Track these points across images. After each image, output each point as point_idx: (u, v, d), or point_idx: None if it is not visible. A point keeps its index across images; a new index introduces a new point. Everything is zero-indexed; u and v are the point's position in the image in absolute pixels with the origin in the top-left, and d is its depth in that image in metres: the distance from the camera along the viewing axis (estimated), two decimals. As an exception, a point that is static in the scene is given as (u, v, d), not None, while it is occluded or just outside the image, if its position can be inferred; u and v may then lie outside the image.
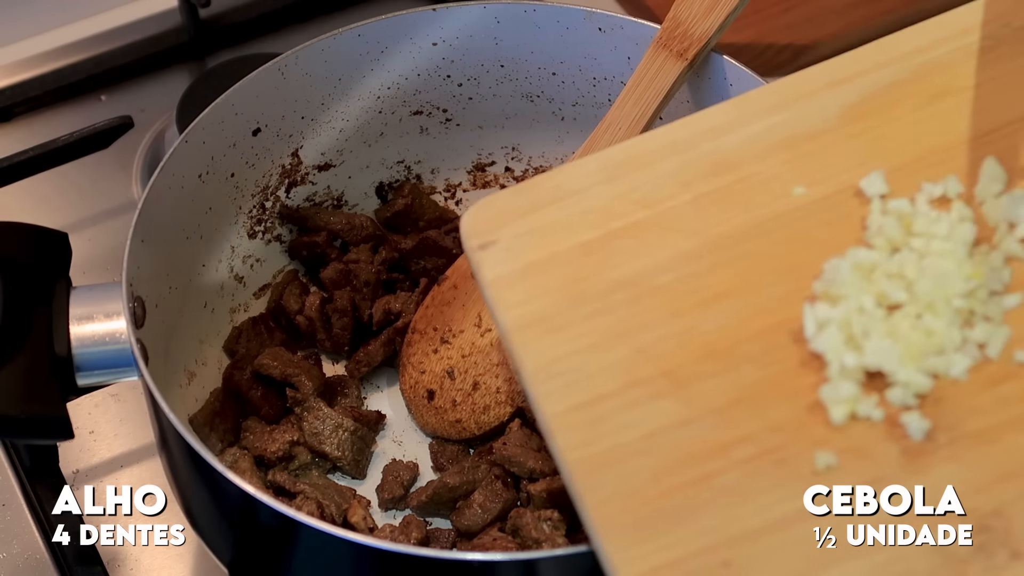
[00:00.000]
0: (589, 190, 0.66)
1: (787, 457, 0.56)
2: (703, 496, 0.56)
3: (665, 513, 0.56)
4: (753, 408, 0.58)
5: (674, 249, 0.63)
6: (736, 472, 0.56)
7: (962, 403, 0.56)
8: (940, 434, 0.55)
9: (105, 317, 0.73)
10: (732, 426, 0.57)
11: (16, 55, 1.14)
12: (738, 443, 0.57)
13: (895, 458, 0.55)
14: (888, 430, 0.56)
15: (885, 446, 0.55)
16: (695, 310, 0.61)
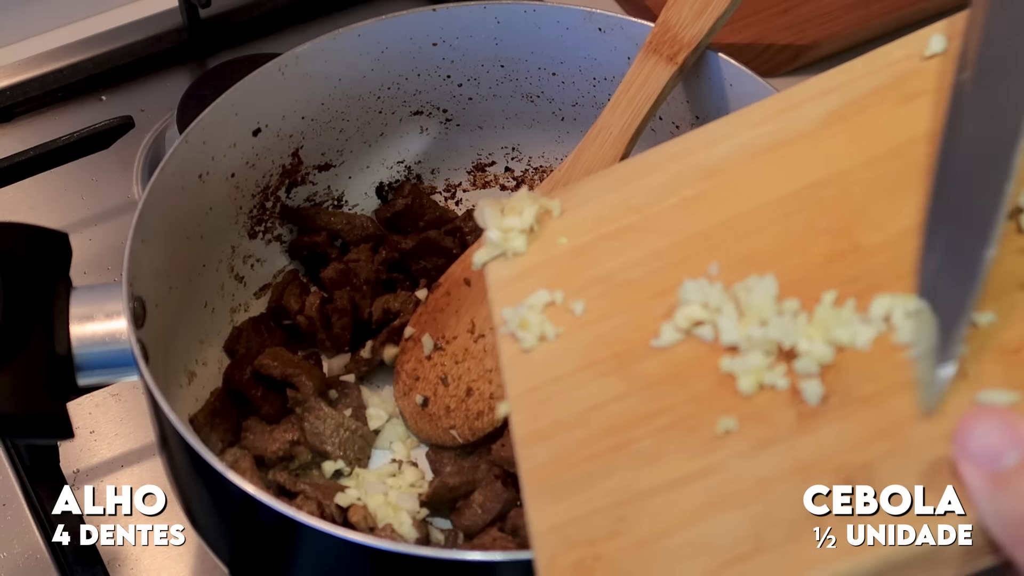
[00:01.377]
0: (591, 201, 0.72)
1: (696, 424, 0.60)
2: (618, 461, 0.60)
3: (583, 477, 0.60)
4: (680, 383, 0.62)
5: (649, 247, 0.68)
6: (651, 439, 0.60)
7: (859, 371, 0.59)
8: (833, 398, 0.58)
9: (105, 317, 0.73)
10: (659, 399, 0.62)
11: (16, 55, 1.15)
12: (659, 413, 0.61)
13: (790, 421, 0.58)
14: (790, 397, 0.59)
15: (784, 412, 0.59)
16: (653, 299, 0.66)
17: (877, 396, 0.58)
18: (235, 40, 1.16)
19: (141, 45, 1.14)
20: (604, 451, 0.61)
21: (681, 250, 0.67)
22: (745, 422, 0.59)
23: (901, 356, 0.59)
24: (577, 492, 0.60)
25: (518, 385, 0.66)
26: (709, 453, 0.59)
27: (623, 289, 0.67)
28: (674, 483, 0.58)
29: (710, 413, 0.60)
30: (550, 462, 0.62)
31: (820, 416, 0.58)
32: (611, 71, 0.88)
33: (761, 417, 0.59)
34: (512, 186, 0.97)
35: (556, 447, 0.62)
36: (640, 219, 0.69)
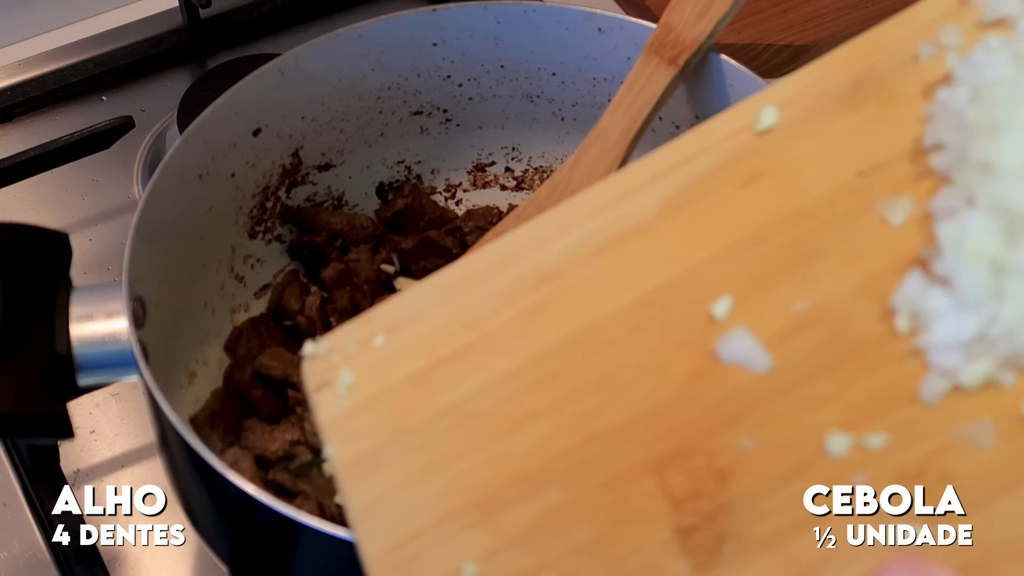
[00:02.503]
0: (422, 316, 0.63)
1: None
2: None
3: None
4: (557, 532, 0.55)
5: (493, 372, 0.60)
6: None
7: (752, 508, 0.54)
8: (728, 544, 0.53)
9: (106, 317, 0.73)
10: (536, 553, 0.55)
11: (17, 56, 1.15)
12: (539, 570, 0.55)
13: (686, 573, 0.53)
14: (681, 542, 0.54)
15: (677, 562, 0.54)
16: (508, 434, 0.59)
17: (776, 537, 0.53)
18: (235, 40, 1.16)
19: (141, 45, 1.15)
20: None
21: (528, 374, 0.59)
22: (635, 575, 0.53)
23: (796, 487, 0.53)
24: None
25: (374, 545, 0.57)
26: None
27: (473, 423, 0.59)
28: None
29: (596, 567, 0.54)
30: None
31: (717, 565, 0.53)
32: (611, 71, 0.88)
33: (654, 570, 0.53)
34: (512, 186, 0.97)
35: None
36: (477, 337, 0.61)
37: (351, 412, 0.61)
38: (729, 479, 0.55)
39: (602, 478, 0.56)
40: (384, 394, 0.61)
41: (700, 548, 0.53)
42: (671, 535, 0.54)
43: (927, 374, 0.55)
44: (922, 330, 0.56)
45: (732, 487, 0.54)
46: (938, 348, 0.55)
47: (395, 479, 0.59)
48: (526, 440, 0.58)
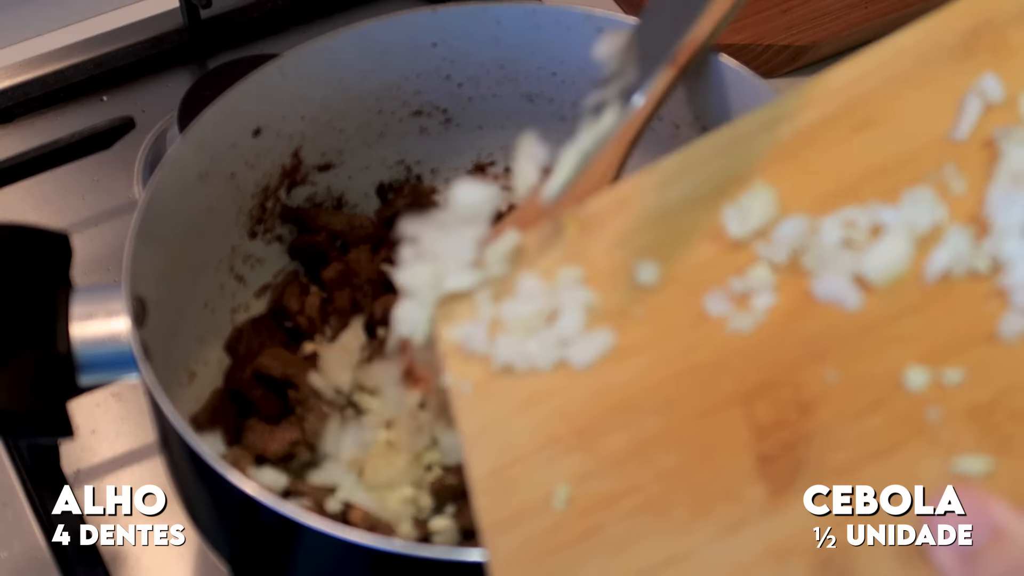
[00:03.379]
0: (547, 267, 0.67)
1: (666, 506, 0.57)
2: (588, 549, 0.57)
3: (551, 570, 0.57)
4: (648, 459, 0.58)
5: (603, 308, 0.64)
6: (621, 524, 0.57)
7: (829, 439, 0.56)
8: (804, 471, 0.55)
9: (106, 317, 0.73)
10: (626, 477, 0.58)
11: (17, 56, 1.15)
12: (628, 493, 0.58)
13: (761, 499, 0.55)
14: (760, 470, 0.56)
15: (754, 488, 0.56)
16: (611, 366, 0.62)
17: (848, 467, 0.55)
18: (235, 40, 1.16)
19: (142, 46, 1.15)
20: (573, 539, 0.57)
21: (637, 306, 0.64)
22: (716, 501, 0.56)
23: (872, 421, 0.56)
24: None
25: (480, 466, 0.62)
26: (680, 537, 0.55)
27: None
28: (645, 571, 0.55)
29: (679, 493, 0.57)
30: (517, 553, 0.58)
31: (791, 491, 0.55)
32: (611, 71, 0.88)
33: (732, 495, 0.56)
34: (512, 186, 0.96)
35: (522, 536, 0.58)
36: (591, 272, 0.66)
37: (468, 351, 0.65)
38: (811, 411, 0.57)
39: (695, 409, 0.59)
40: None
41: (778, 476, 0.55)
42: (752, 463, 0.56)
43: (1006, 312, 0.56)
44: (1004, 270, 0.57)
45: (813, 419, 0.56)
46: (1019, 288, 0.56)
47: (503, 408, 0.63)
48: (627, 371, 0.61)
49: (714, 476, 0.57)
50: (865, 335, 0.58)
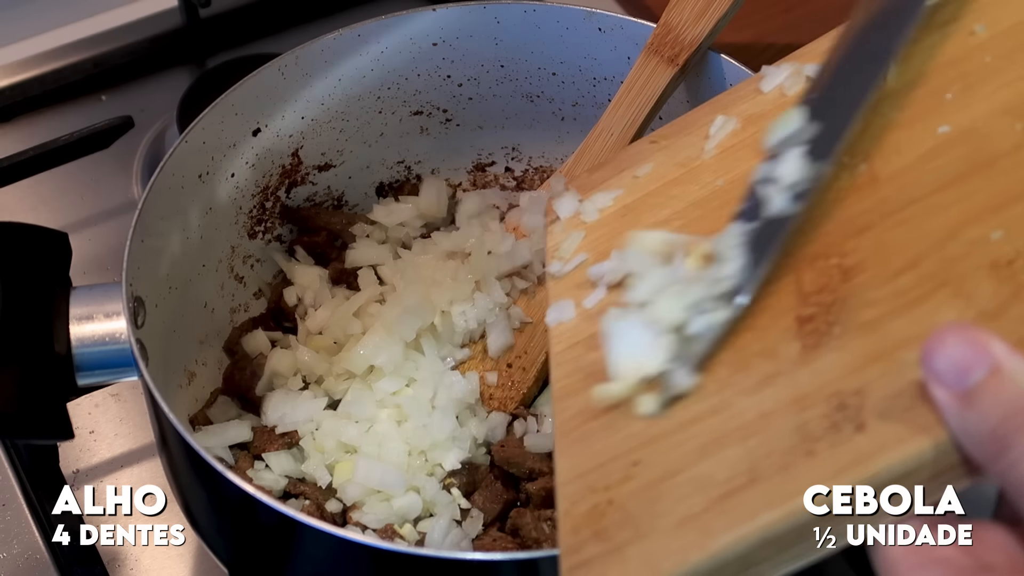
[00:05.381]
0: (644, 160, 0.75)
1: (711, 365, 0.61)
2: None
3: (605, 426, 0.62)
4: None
5: (687, 199, 0.70)
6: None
7: (861, 297, 0.59)
8: (836, 328, 0.59)
9: (105, 317, 0.73)
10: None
11: (16, 55, 1.15)
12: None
13: (794, 354, 0.59)
14: (797, 329, 0.60)
15: (790, 345, 0.60)
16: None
17: (876, 321, 0.58)
18: (235, 40, 1.16)
19: (141, 45, 1.15)
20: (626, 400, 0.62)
21: (716, 198, 0.69)
22: (754, 359, 0.60)
23: (904, 279, 0.59)
24: (600, 441, 0.61)
25: (560, 343, 0.68)
26: (719, 391, 0.59)
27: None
28: (685, 423, 0.59)
29: (725, 352, 0.61)
30: (579, 412, 0.63)
31: (822, 347, 0.58)
32: (611, 71, 0.88)
33: (770, 352, 0.60)
34: (512, 186, 0.97)
35: (584, 399, 0.63)
36: (685, 172, 0.72)
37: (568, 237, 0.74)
38: (852, 275, 0.61)
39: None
40: (596, 225, 0.74)
41: (813, 332, 0.59)
42: (792, 323, 0.60)
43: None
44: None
45: (853, 281, 0.60)
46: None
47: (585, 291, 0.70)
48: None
49: (757, 338, 0.61)
50: (909, 207, 0.61)
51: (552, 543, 0.74)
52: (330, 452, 0.79)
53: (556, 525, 0.69)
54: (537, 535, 0.74)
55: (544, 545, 0.74)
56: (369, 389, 0.80)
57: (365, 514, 0.77)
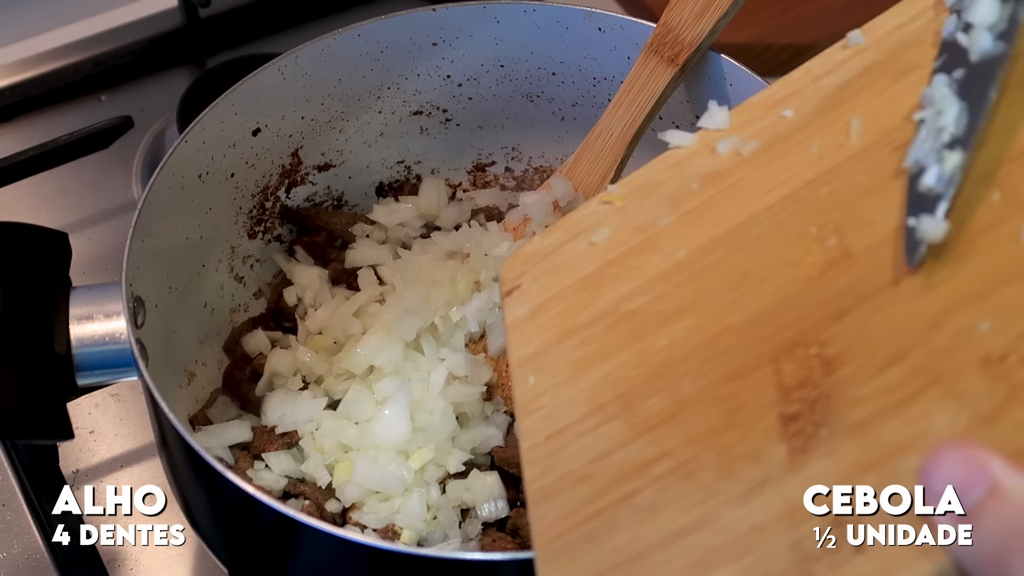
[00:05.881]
0: (600, 223, 0.69)
1: (694, 470, 0.58)
2: (621, 515, 0.58)
3: (588, 536, 0.58)
4: (680, 423, 0.60)
5: (652, 271, 0.65)
6: (651, 488, 0.58)
7: (847, 397, 0.57)
8: (823, 430, 0.56)
9: (105, 317, 0.73)
10: (659, 443, 0.60)
11: (16, 55, 1.15)
12: (659, 459, 0.59)
13: (781, 459, 0.56)
14: (781, 430, 0.57)
15: (775, 448, 0.57)
16: (656, 330, 0.63)
17: (865, 423, 0.56)
18: (235, 40, 1.15)
19: (141, 45, 1.14)
20: (608, 506, 0.59)
21: (681, 272, 0.65)
22: (740, 462, 0.57)
23: (891, 374, 0.56)
24: (584, 554, 0.58)
25: (529, 439, 0.64)
26: (705, 501, 0.57)
27: (627, 321, 0.64)
28: (672, 537, 0.56)
29: (707, 456, 0.58)
30: (558, 521, 0.60)
31: (810, 451, 0.56)
32: (611, 71, 0.88)
33: (755, 456, 0.57)
34: (512, 186, 0.97)
35: (564, 504, 0.60)
36: (643, 239, 0.67)
37: (529, 315, 0.67)
38: (835, 367, 0.58)
39: (727, 369, 0.61)
40: (556, 298, 0.67)
41: (799, 434, 0.57)
42: (775, 422, 0.57)
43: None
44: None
45: (836, 375, 0.57)
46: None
47: (555, 377, 0.65)
48: (670, 335, 0.63)
49: (740, 438, 0.58)
50: (890, 288, 0.59)
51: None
52: (330, 452, 0.79)
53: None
54: (537, 535, 0.74)
55: (544, 545, 0.74)
56: (369, 389, 0.80)
57: (365, 514, 0.77)
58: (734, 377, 0.60)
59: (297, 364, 0.84)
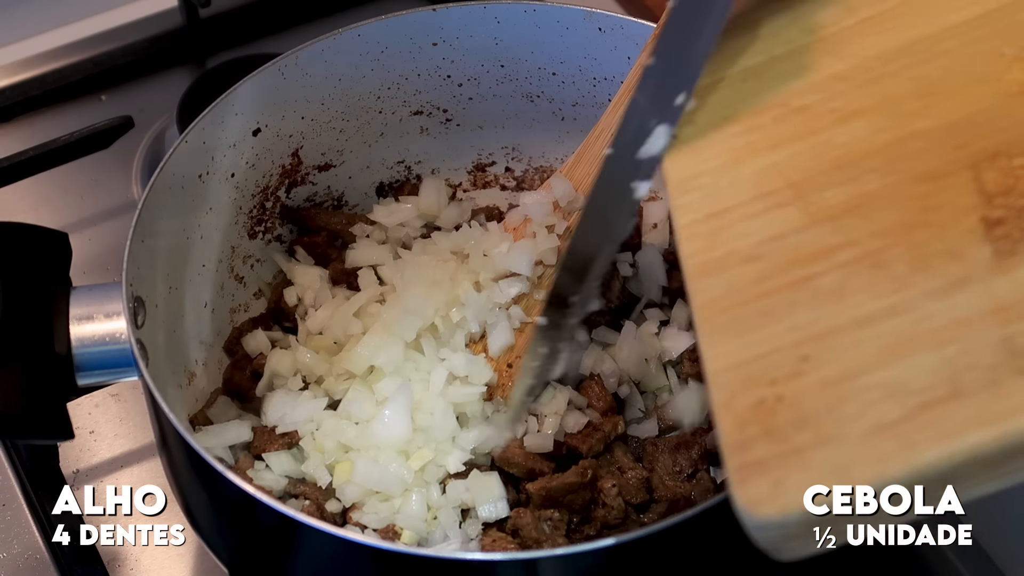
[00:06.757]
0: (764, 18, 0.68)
1: (884, 260, 0.57)
2: (799, 297, 0.58)
3: (761, 313, 0.58)
4: (865, 215, 0.59)
5: (826, 72, 0.65)
6: (835, 274, 0.58)
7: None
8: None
9: (105, 317, 0.73)
10: (842, 232, 0.59)
11: (16, 55, 1.15)
12: (843, 247, 0.59)
13: (986, 259, 0.56)
14: (985, 231, 0.57)
15: (979, 248, 0.56)
16: (832, 127, 0.63)
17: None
18: (235, 40, 1.16)
19: (141, 45, 1.15)
20: (784, 286, 0.58)
21: (860, 75, 0.64)
22: (937, 259, 0.56)
23: None
24: (756, 329, 0.57)
25: (687, 215, 0.63)
26: (899, 291, 0.56)
27: (799, 115, 0.63)
28: (861, 321, 0.56)
29: (899, 248, 0.57)
30: (725, 296, 0.59)
31: (1020, 254, 0.55)
32: (611, 71, 0.88)
33: (955, 254, 0.56)
34: (512, 186, 0.97)
35: (731, 280, 0.59)
36: (815, 40, 0.66)
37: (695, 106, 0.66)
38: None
39: (919, 170, 0.60)
40: (715, 85, 0.66)
41: (1006, 238, 0.56)
42: (977, 224, 0.57)
43: None
44: None
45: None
46: None
47: (715, 160, 0.64)
48: (850, 132, 0.62)
49: (936, 235, 0.57)
50: None
51: (552, 543, 0.74)
52: (330, 452, 0.79)
53: (556, 527, 0.68)
54: (537, 535, 0.74)
55: (544, 545, 0.74)
56: (369, 389, 0.80)
57: (365, 514, 0.77)
58: (927, 179, 0.59)
59: (297, 364, 0.84)
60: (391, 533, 0.76)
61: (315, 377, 0.83)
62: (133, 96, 1.13)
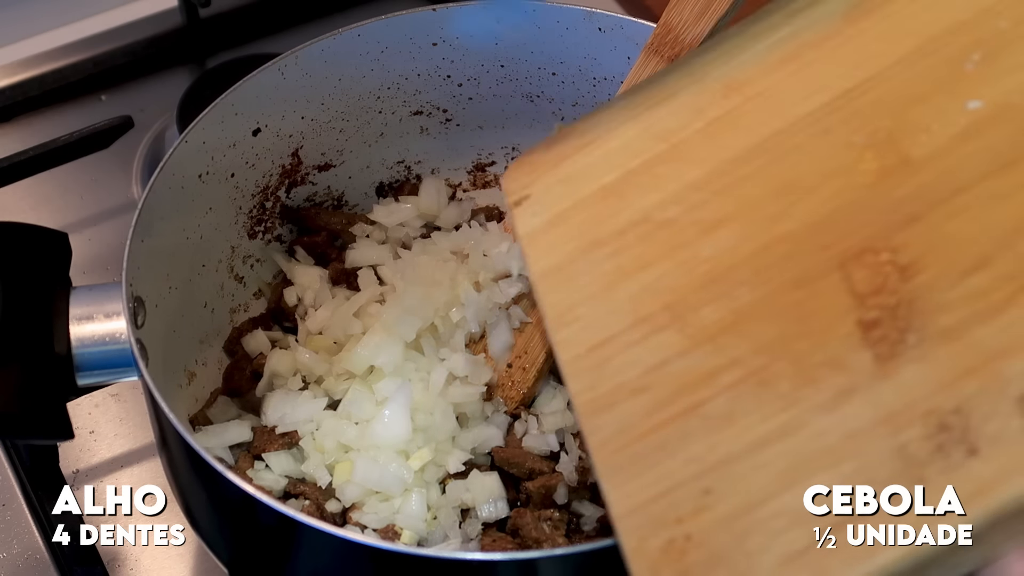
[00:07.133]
0: (613, 131, 0.67)
1: (768, 378, 0.56)
2: (691, 426, 0.57)
3: (657, 447, 0.57)
4: (743, 332, 0.58)
5: (683, 180, 0.63)
6: (722, 398, 0.57)
7: (932, 302, 0.55)
8: (910, 336, 0.55)
9: (105, 317, 0.73)
10: (723, 352, 0.58)
11: (16, 55, 1.15)
12: (726, 368, 0.58)
13: (867, 365, 0.55)
14: (862, 337, 0.56)
15: (859, 355, 0.55)
16: (697, 240, 0.62)
17: (957, 329, 0.54)
18: (235, 40, 1.16)
19: (141, 45, 1.15)
20: (674, 416, 0.57)
21: (717, 180, 0.62)
22: (820, 370, 0.55)
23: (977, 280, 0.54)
24: (654, 465, 0.56)
25: (569, 350, 0.61)
26: (787, 409, 0.55)
27: (662, 231, 0.62)
28: (755, 445, 0.55)
29: (780, 364, 0.56)
30: (618, 433, 0.58)
31: (899, 357, 0.54)
32: (611, 71, 0.88)
33: (837, 363, 0.55)
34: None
35: (622, 416, 0.58)
36: (667, 148, 0.64)
37: (546, 226, 0.65)
38: (912, 274, 0.56)
39: (788, 277, 0.59)
40: (576, 207, 0.65)
41: (883, 340, 0.55)
42: (854, 328, 0.56)
43: None
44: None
45: (914, 281, 0.56)
46: None
47: (588, 288, 0.63)
48: (715, 244, 0.61)
49: (816, 345, 0.56)
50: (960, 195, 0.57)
51: (552, 543, 0.74)
52: (330, 452, 0.79)
53: (556, 527, 0.67)
54: (537, 535, 0.74)
55: (544, 545, 0.74)
56: (369, 389, 0.80)
57: (365, 514, 0.77)
58: (798, 285, 0.58)
59: (297, 364, 0.84)
60: (391, 533, 0.76)
61: (315, 377, 0.83)
62: (133, 96, 1.13)
